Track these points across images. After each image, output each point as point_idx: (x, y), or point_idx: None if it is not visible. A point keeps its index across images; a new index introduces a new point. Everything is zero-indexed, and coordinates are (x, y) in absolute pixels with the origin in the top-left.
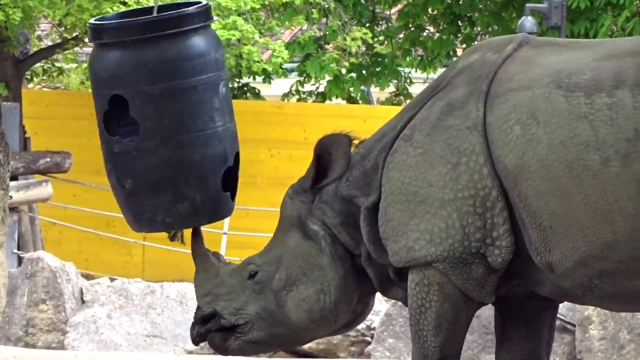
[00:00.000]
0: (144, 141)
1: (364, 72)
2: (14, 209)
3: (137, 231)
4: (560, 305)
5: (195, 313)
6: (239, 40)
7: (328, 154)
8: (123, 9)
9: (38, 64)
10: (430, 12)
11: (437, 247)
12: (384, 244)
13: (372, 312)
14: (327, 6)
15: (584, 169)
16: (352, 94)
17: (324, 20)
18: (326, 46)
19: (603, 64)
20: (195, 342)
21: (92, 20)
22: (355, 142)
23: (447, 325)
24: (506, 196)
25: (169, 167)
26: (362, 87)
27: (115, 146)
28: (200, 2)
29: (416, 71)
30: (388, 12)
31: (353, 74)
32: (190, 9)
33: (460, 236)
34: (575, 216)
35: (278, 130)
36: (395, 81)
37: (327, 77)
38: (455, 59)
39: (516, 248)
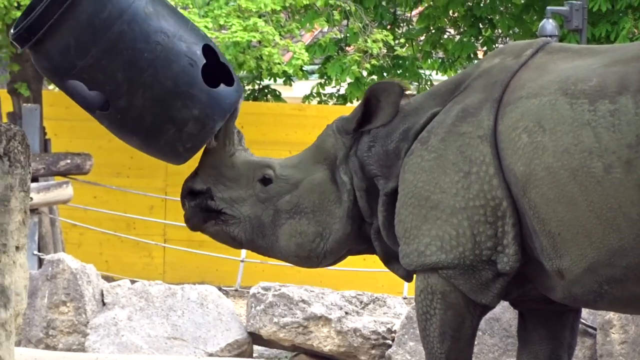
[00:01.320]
0: (116, 103)
1: (385, 74)
2: (34, 210)
3: (179, 165)
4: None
5: (192, 178)
6: (259, 42)
7: (377, 100)
8: None
9: None
10: (451, 15)
11: (447, 255)
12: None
13: (392, 315)
14: (348, 8)
15: (588, 176)
16: None
17: (344, 22)
18: (347, 48)
19: (609, 70)
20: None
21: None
22: (408, 93)
23: (451, 333)
24: (515, 203)
25: (152, 107)
26: None
27: (104, 122)
28: None
29: (437, 73)
30: (409, 15)
31: (374, 76)
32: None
33: (471, 244)
34: (581, 223)
35: (299, 133)
36: (416, 83)
37: (348, 80)
38: (476, 61)
39: (527, 254)
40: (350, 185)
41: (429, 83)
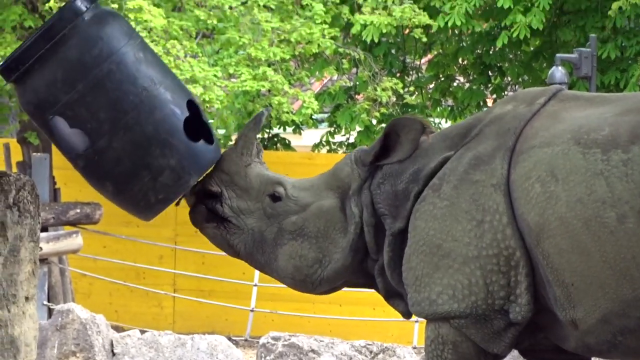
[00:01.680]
0: (95, 143)
1: None
2: (44, 260)
3: (148, 221)
4: None
5: (207, 179)
6: (269, 90)
7: (396, 135)
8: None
9: None
10: (461, 63)
11: (459, 304)
12: (405, 289)
13: None
14: (357, 57)
15: (601, 226)
16: None
17: (354, 70)
18: (356, 96)
19: (621, 119)
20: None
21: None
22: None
23: None
24: (529, 253)
25: (130, 151)
26: None
27: (79, 162)
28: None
29: (446, 121)
30: (418, 62)
31: (383, 125)
32: (53, 18)
33: (484, 294)
34: (595, 273)
35: None
36: None
37: (358, 128)
38: (485, 109)
39: (539, 304)
40: (358, 218)
41: (438, 131)
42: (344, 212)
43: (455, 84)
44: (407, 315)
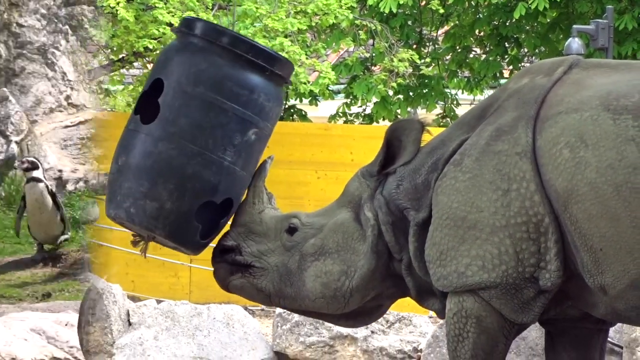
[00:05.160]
0: (155, 128)
1: (410, 93)
2: None
3: (106, 214)
4: None
5: (221, 239)
6: None
7: (398, 140)
8: (167, 30)
9: None
10: (477, 34)
11: (489, 274)
12: (427, 267)
13: (419, 334)
14: (374, 28)
15: (632, 191)
16: (399, 116)
17: (370, 41)
18: (373, 68)
19: None
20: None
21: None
22: (428, 128)
23: (483, 356)
24: (557, 219)
25: (160, 162)
26: (408, 109)
27: (131, 123)
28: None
29: (463, 93)
30: (435, 34)
31: (400, 96)
32: (268, 48)
33: (514, 262)
34: (624, 239)
35: (325, 152)
36: (442, 103)
37: (374, 99)
38: (502, 80)
39: (568, 270)
40: (374, 221)
41: (454, 102)
42: (358, 222)
43: (471, 56)
44: (442, 314)
